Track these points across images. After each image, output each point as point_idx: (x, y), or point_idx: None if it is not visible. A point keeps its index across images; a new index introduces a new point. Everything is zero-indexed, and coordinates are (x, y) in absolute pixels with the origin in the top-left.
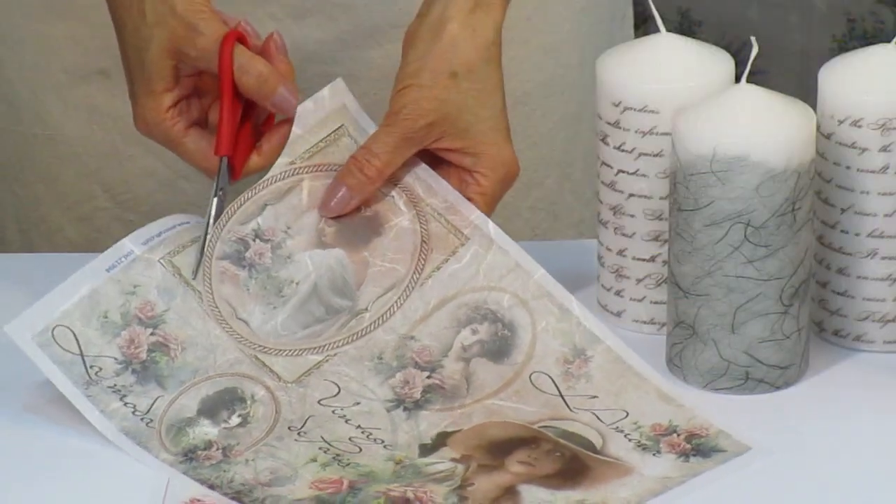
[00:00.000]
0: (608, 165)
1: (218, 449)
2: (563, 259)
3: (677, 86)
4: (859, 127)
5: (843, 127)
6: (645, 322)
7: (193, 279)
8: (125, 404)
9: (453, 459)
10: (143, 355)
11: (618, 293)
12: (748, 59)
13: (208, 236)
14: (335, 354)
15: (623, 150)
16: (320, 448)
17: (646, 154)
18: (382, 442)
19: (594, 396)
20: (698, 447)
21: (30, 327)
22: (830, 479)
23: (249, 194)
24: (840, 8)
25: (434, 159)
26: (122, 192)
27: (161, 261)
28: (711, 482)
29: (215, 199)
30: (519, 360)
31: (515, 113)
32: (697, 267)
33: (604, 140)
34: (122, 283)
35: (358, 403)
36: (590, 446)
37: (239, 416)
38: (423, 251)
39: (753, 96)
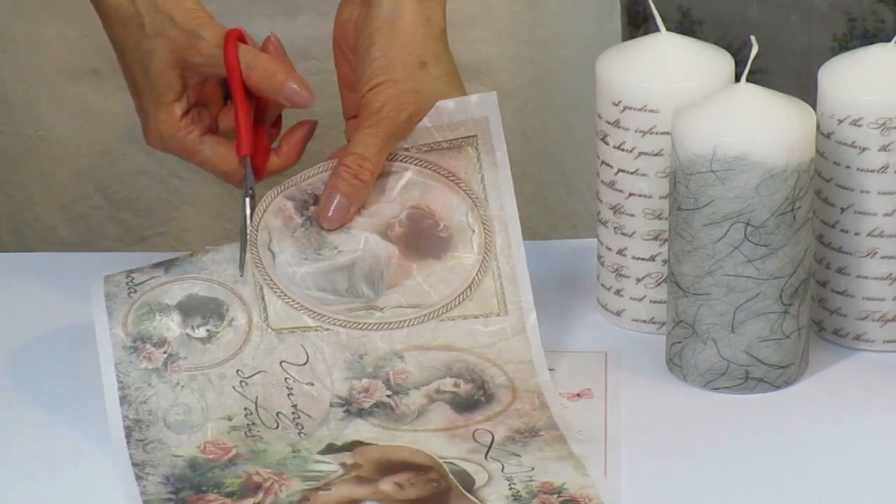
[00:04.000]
0: (608, 165)
1: (164, 353)
2: (563, 258)
3: (677, 85)
4: (859, 126)
5: (842, 126)
6: (645, 321)
7: (241, 276)
8: (126, 275)
9: (342, 464)
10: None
11: (617, 292)
12: (748, 58)
13: (248, 236)
14: (327, 329)
15: (623, 150)
16: (245, 409)
17: (646, 153)
18: (301, 429)
19: (517, 454)
20: None
21: None
22: (830, 478)
23: None
24: (840, 7)
25: None
26: (116, 192)
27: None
28: None
29: (248, 199)
30: (476, 419)
31: (507, 107)
32: (697, 266)
33: (604, 139)
34: None
35: (311, 385)
36: (467, 484)
37: (207, 330)
38: (463, 296)
39: (753, 95)
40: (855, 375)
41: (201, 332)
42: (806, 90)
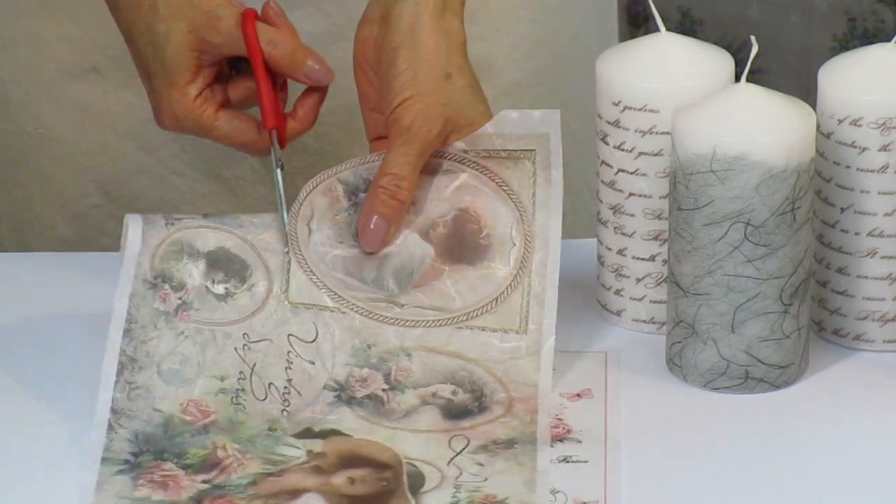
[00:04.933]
0: (608, 165)
1: (180, 299)
2: (563, 258)
3: (677, 85)
4: (859, 126)
5: (842, 126)
6: (644, 321)
7: (286, 250)
8: (164, 215)
9: (308, 451)
10: None
11: (617, 292)
12: (748, 58)
13: (284, 205)
14: (343, 313)
15: (623, 150)
16: (240, 373)
17: (645, 153)
18: (287, 405)
19: (481, 464)
20: None
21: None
22: (830, 478)
23: None
24: (840, 7)
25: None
26: (116, 190)
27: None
28: None
29: (279, 171)
30: (461, 426)
31: (505, 103)
32: (697, 266)
33: (604, 139)
34: None
35: (312, 363)
36: (416, 486)
37: (225, 288)
38: (487, 307)
39: (753, 95)
40: (855, 375)
41: (219, 289)
42: (806, 90)
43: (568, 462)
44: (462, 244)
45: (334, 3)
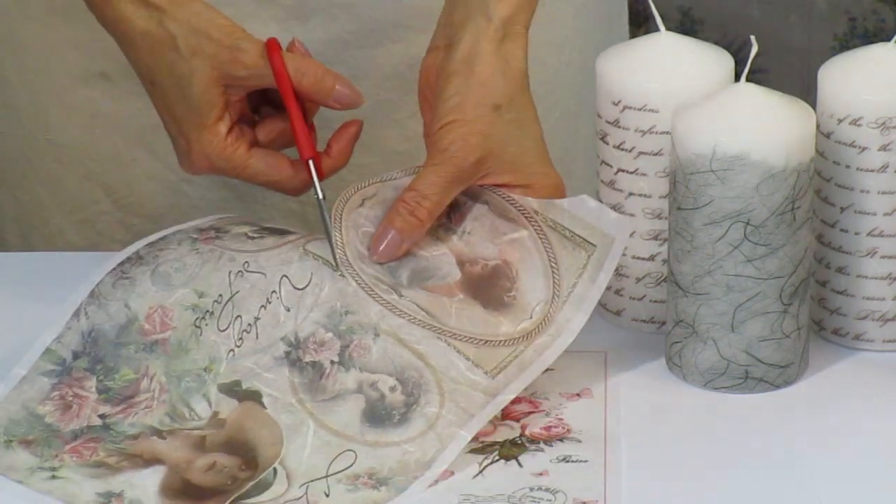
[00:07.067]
0: (608, 164)
1: (216, 235)
2: None
3: (677, 85)
4: (859, 126)
5: (842, 126)
6: (644, 321)
7: (337, 272)
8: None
9: (213, 415)
10: None
11: (617, 292)
12: (748, 58)
13: (332, 233)
14: (343, 277)
15: (623, 149)
16: (218, 296)
17: (645, 153)
18: (238, 346)
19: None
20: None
21: None
22: (830, 478)
23: (486, 196)
24: (841, 7)
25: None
26: (125, 196)
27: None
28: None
29: (324, 200)
30: (366, 438)
31: None
32: (697, 266)
33: (603, 139)
34: None
35: (287, 310)
36: (260, 488)
37: (261, 234)
38: (474, 341)
39: (753, 95)
40: (855, 375)
41: (254, 235)
42: (806, 90)
43: (568, 462)
44: (488, 291)
45: (346, 10)
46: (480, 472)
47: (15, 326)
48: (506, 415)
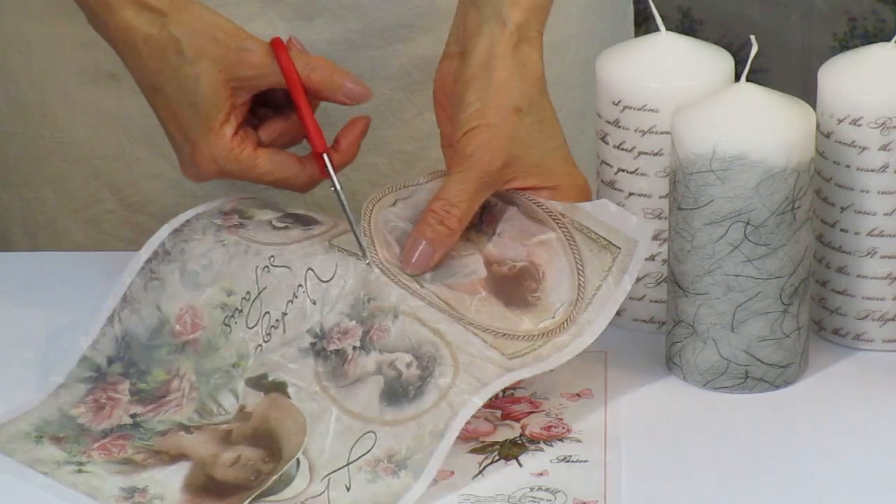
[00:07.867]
0: (608, 164)
1: (240, 222)
2: None
3: (677, 85)
4: (859, 126)
5: (842, 126)
6: (644, 321)
7: (366, 261)
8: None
9: (241, 408)
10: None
11: None
12: (748, 58)
13: (352, 219)
14: (367, 265)
15: (623, 149)
16: (246, 293)
17: (645, 153)
18: (266, 341)
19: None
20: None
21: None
22: (830, 478)
23: (520, 199)
24: (841, 7)
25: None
26: (131, 195)
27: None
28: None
29: (342, 192)
30: (385, 418)
31: None
32: (697, 266)
33: (603, 139)
34: None
35: (314, 303)
36: (283, 482)
37: (286, 225)
38: (490, 330)
39: (753, 95)
40: (855, 375)
41: (279, 225)
42: (806, 90)
43: (568, 462)
44: (512, 291)
45: (352, 10)
46: (480, 472)
47: (21, 326)
48: (506, 415)
